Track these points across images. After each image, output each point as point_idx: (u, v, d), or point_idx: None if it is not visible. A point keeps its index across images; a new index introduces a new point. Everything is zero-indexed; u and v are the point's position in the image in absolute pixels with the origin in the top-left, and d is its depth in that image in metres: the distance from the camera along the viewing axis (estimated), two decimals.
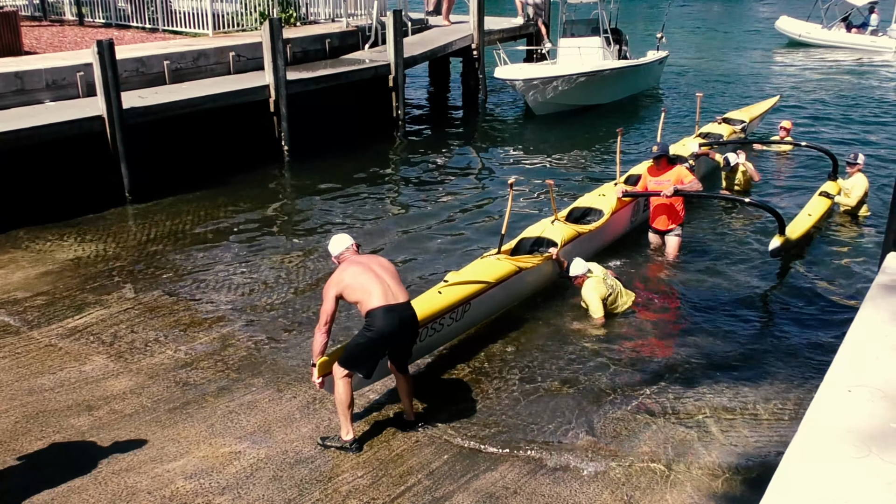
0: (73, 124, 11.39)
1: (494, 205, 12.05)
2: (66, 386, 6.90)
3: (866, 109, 19.42)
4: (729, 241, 10.40)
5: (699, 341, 7.86)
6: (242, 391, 6.87)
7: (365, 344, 5.84)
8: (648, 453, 6.04)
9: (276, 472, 5.77)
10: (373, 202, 12.36)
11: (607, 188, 10.46)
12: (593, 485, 5.67)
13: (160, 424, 6.35)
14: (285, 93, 14.16)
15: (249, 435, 6.23)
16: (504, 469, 5.84)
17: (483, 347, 7.64)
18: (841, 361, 3.62)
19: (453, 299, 7.23)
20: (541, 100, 18.19)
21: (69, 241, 10.41)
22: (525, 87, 18.01)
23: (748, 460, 5.96)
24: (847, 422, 3.17)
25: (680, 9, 42.65)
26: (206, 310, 8.48)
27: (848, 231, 10.90)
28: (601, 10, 19.89)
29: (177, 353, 7.52)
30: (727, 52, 30.05)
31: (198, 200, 12.15)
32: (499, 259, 8.14)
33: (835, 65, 26.56)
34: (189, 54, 14.76)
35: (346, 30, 18.45)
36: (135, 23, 18.38)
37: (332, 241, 6.23)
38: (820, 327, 8.14)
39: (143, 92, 13.21)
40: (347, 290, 5.83)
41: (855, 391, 3.36)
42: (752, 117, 15.62)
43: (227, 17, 17.65)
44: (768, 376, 7.19)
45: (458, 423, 6.41)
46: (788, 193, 12.52)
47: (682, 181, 9.35)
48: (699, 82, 22.59)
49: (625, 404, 6.72)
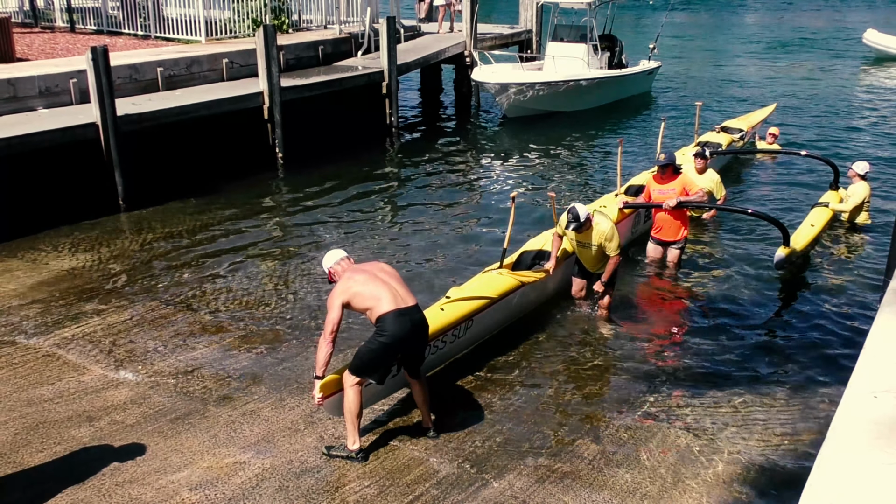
0: (66, 131, 11.28)
1: (493, 216, 11.96)
2: (66, 396, 6.79)
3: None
4: (732, 252, 10.34)
5: (704, 350, 7.83)
6: (244, 400, 6.79)
7: (377, 349, 5.77)
8: (656, 461, 6.00)
9: (282, 483, 5.69)
10: (368, 211, 12.29)
11: (608, 199, 10.40)
12: (603, 493, 5.62)
13: (162, 435, 6.26)
14: (279, 100, 14.11)
15: (253, 445, 6.15)
16: (512, 478, 5.79)
17: (487, 357, 7.57)
18: (864, 367, 3.59)
19: (456, 316, 7.08)
20: (513, 103, 18.35)
21: (64, 250, 10.30)
22: (497, 91, 18.16)
23: (758, 469, 5.93)
24: (875, 428, 3.13)
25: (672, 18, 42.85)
26: (204, 318, 8.39)
27: (850, 239, 10.88)
28: (590, 17, 19.99)
29: (177, 363, 7.42)
30: (727, 60, 30.24)
31: (192, 208, 12.06)
32: (501, 274, 7.99)
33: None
34: (182, 61, 14.68)
35: (339, 37, 18.41)
36: (127, 29, 18.27)
37: (327, 256, 6.13)
38: (825, 336, 8.13)
39: (137, 99, 13.13)
40: (357, 299, 5.76)
41: (881, 396, 3.33)
42: (751, 125, 15.66)
43: (220, 24, 17.56)
44: (774, 385, 7.17)
45: (464, 433, 6.35)
46: (790, 204, 12.46)
47: (687, 191, 9.29)
48: (699, 90, 22.68)
49: (631, 412, 6.68)
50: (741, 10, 53.51)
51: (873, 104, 21.44)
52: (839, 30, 40.65)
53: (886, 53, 29.58)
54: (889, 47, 29.68)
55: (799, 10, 52.48)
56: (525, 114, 18.72)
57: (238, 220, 11.63)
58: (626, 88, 21.26)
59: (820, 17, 48.01)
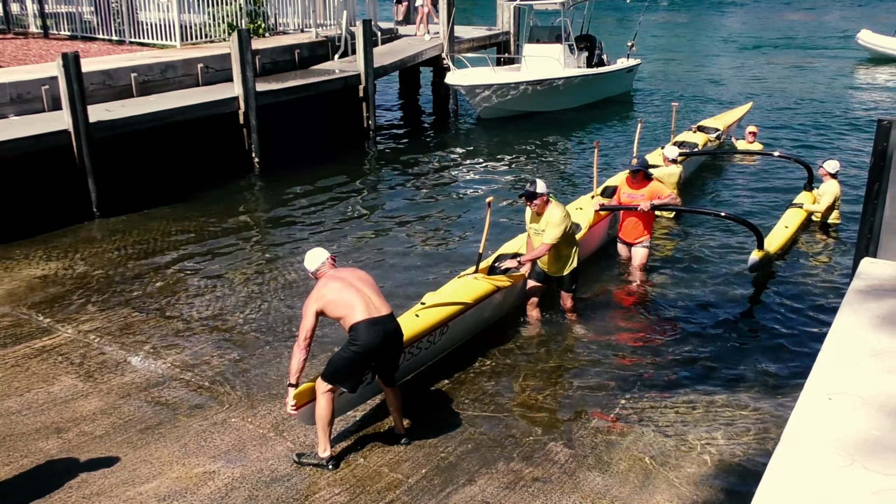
0: (38, 139, 11.18)
1: (469, 219, 11.97)
2: (34, 408, 6.73)
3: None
4: (705, 254, 10.36)
5: (675, 352, 7.85)
6: (215, 409, 6.74)
7: (350, 358, 5.75)
8: (627, 463, 6.01)
9: (252, 492, 5.65)
10: (345, 215, 12.25)
11: (584, 201, 10.42)
12: (573, 496, 5.62)
13: (132, 445, 6.21)
14: (255, 104, 14.06)
15: (224, 454, 6.11)
16: (483, 483, 5.78)
17: (459, 363, 7.54)
18: (820, 369, 3.61)
19: (431, 322, 7.05)
20: (488, 105, 18.40)
21: (36, 259, 10.20)
22: (468, 92, 18.20)
23: (728, 470, 5.95)
24: (829, 430, 3.15)
25: (653, 18, 43.10)
26: (177, 327, 8.33)
27: (822, 238, 10.95)
28: (564, 17, 20.07)
29: (148, 372, 7.37)
30: (704, 59, 30.39)
31: (167, 215, 11.98)
32: (477, 278, 7.97)
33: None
34: (157, 66, 14.60)
35: (316, 40, 18.38)
36: (101, 35, 18.15)
37: (308, 257, 6.12)
38: (796, 335, 8.17)
39: (110, 105, 13.04)
40: (330, 307, 5.74)
41: (836, 399, 3.35)
42: (727, 125, 15.74)
43: (195, 28, 17.48)
44: (746, 385, 7.20)
45: (435, 438, 6.34)
46: (765, 205, 12.50)
47: (658, 196, 9.35)
48: (678, 90, 22.80)
49: (602, 415, 6.69)
50: (723, 9, 53.84)
51: (859, 104, 21.62)
52: (821, 28, 41.03)
53: (881, 54, 29.60)
54: (884, 47, 29.70)
55: (785, 10, 52.89)
56: (501, 115, 18.76)
57: (213, 227, 11.57)
58: (604, 88, 21.30)
59: (806, 15, 48.42)
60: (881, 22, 34.82)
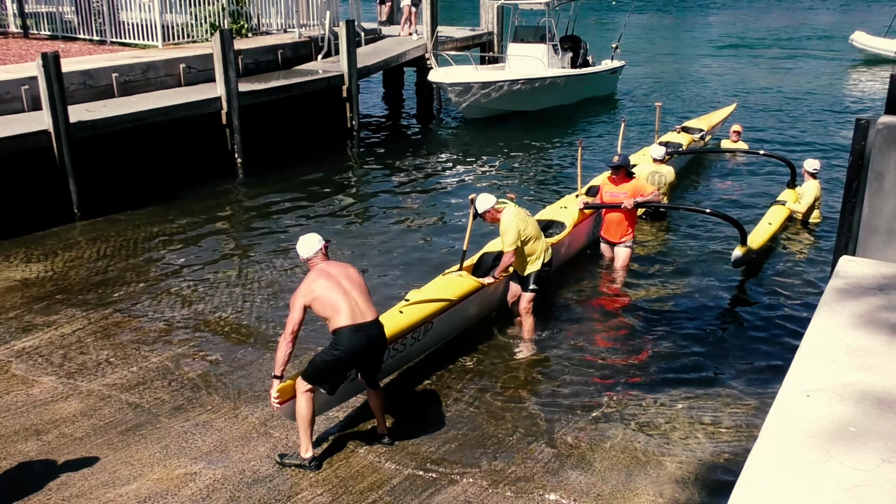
0: (18, 139, 11.08)
1: (453, 218, 11.97)
2: (13, 410, 6.67)
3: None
4: (689, 252, 10.42)
5: (657, 350, 7.89)
6: (197, 410, 6.71)
7: (330, 361, 5.74)
8: (610, 461, 6.03)
9: (234, 493, 5.63)
10: (328, 215, 12.23)
11: (569, 200, 10.45)
12: (556, 494, 5.63)
13: (112, 447, 6.17)
14: (237, 105, 14.00)
15: (205, 455, 6.08)
16: (465, 483, 5.78)
17: (441, 362, 7.55)
18: (798, 366, 3.63)
19: (415, 319, 7.05)
20: (471, 104, 18.42)
21: (16, 260, 10.11)
22: (450, 90, 18.22)
23: (709, 467, 5.98)
24: (806, 427, 3.16)
25: (639, 19, 43.26)
26: (159, 328, 8.29)
27: (803, 237, 11.04)
28: (549, 17, 20.12)
29: (129, 373, 7.32)
30: (689, 61, 30.52)
31: (149, 216, 11.90)
32: (461, 276, 7.97)
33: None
34: (138, 66, 14.50)
35: (299, 40, 18.32)
36: (82, 35, 18.00)
37: (302, 243, 6.01)
38: (778, 333, 8.23)
39: (91, 105, 12.94)
40: (316, 304, 5.72)
41: (813, 396, 3.37)
42: (711, 125, 15.82)
43: (178, 28, 17.37)
44: (727, 383, 7.24)
45: (418, 439, 6.33)
46: (748, 202, 12.59)
47: (640, 193, 9.37)
48: (662, 91, 22.88)
49: (584, 414, 6.70)
50: (708, 10, 54.12)
51: (850, 104, 21.77)
52: (812, 29, 41.30)
53: (875, 55, 29.67)
54: (877, 48, 29.78)
55: (772, 11, 53.21)
56: (484, 114, 18.78)
57: (196, 228, 11.51)
58: (588, 88, 21.37)
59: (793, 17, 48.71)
60: (870, 24, 35.03)
